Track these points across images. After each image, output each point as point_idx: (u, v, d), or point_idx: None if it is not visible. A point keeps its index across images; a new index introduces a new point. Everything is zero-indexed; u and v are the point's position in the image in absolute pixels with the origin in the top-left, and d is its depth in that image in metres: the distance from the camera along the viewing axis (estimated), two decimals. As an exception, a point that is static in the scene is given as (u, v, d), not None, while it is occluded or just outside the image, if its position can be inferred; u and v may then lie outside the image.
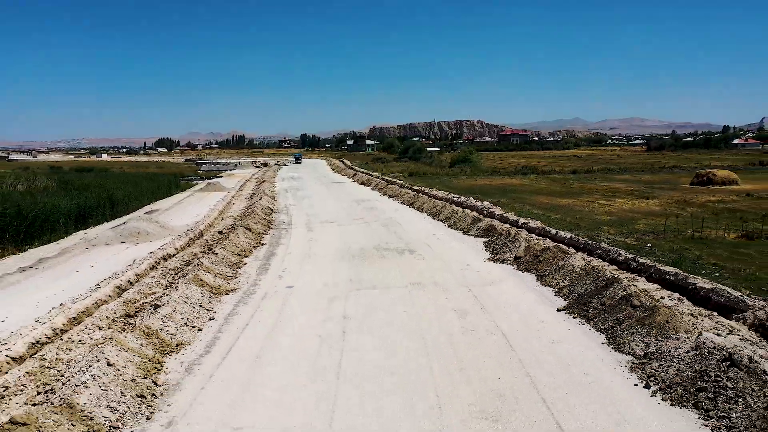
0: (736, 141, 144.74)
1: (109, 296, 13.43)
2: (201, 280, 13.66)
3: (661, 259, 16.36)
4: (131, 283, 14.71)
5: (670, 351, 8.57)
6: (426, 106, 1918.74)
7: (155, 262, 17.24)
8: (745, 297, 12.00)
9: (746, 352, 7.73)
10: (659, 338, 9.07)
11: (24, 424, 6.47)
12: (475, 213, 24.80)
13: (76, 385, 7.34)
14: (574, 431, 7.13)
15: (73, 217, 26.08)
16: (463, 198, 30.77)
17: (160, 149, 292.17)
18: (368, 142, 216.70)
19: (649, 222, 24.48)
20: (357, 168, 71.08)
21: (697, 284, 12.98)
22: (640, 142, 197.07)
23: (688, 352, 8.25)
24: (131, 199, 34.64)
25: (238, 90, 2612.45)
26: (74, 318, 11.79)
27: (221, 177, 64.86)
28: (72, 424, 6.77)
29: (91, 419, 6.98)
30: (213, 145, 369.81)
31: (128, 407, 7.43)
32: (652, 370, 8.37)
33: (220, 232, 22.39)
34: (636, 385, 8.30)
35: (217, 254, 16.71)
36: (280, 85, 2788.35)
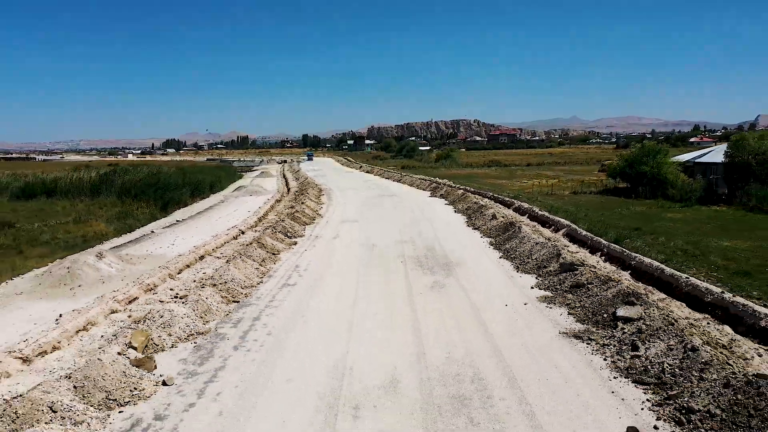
0: (692, 140, 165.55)
1: (272, 207, 33.90)
2: (310, 199, 34.34)
3: (510, 197, 36.76)
4: (272, 207, 35.15)
5: (483, 216, 29.22)
6: (424, 106, 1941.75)
7: (276, 200, 37.76)
8: (516, 202, 32.45)
9: (493, 211, 28.36)
10: (477, 213, 29.69)
11: (288, 216, 27.03)
12: (430, 182, 45.47)
13: (302, 205, 28.20)
14: (438, 229, 27.53)
15: (209, 186, 46.58)
16: (432, 178, 51.25)
17: (169, 150, 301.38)
18: (367, 142, 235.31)
19: (535, 189, 44.41)
20: (361, 163, 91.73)
21: (505, 199, 33.61)
22: (614, 140, 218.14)
23: (481, 210, 28.92)
24: (221, 180, 55.17)
25: (235, 91, 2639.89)
26: (270, 207, 32.30)
27: (258, 170, 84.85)
28: (301, 216, 27.38)
29: (306, 215, 27.78)
30: (219, 146, 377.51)
31: (313, 215, 28.58)
32: (475, 222, 29.06)
33: (296, 191, 42.90)
34: (466, 224, 29.01)
35: (308, 193, 37.40)
36: (277, 86, 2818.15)
